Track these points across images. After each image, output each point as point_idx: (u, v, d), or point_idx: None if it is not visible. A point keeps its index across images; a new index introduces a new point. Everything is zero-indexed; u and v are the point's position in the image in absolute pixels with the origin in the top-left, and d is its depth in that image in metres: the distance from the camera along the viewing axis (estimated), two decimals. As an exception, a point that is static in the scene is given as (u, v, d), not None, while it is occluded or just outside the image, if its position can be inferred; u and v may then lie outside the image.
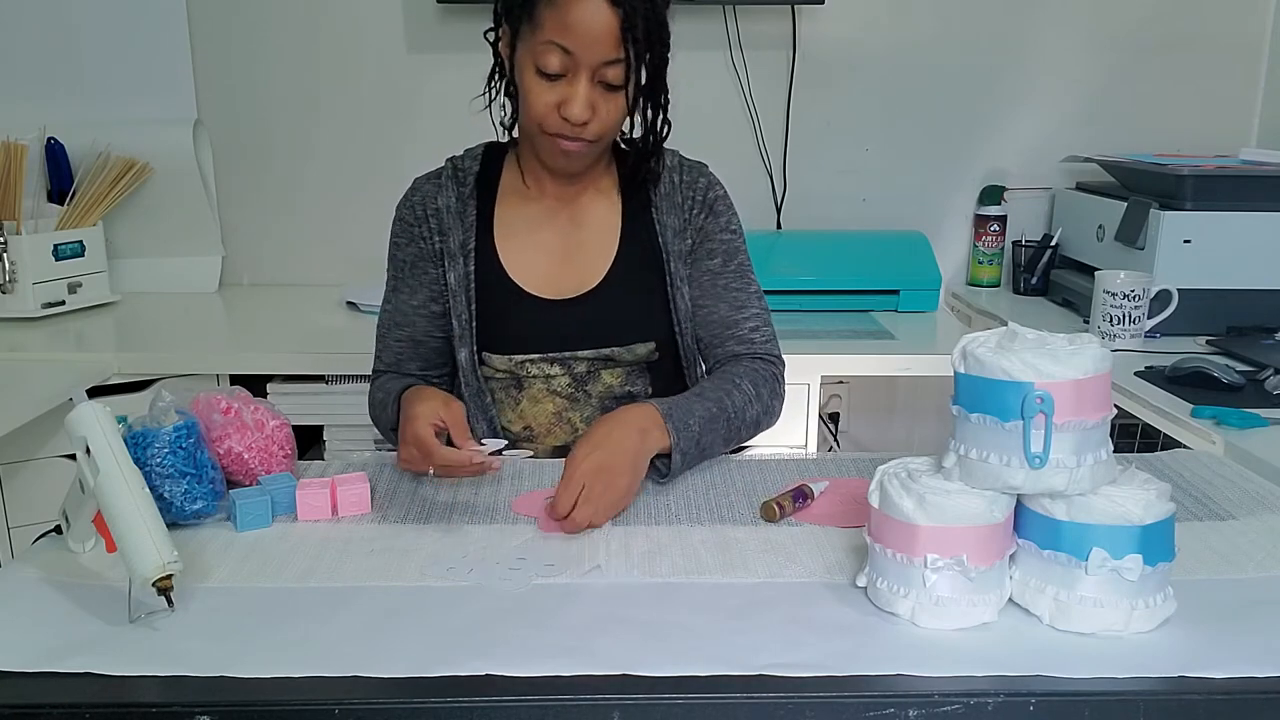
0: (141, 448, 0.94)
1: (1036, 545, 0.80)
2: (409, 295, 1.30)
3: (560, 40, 1.10)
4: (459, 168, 1.29)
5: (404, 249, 1.29)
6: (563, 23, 1.09)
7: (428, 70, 2.22)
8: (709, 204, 1.30)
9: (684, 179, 1.30)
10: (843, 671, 0.73)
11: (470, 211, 1.27)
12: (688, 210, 1.29)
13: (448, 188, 1.27)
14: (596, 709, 0.70)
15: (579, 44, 1.10)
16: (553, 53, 1.11)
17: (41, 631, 0.79)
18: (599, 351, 1.25)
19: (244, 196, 2.29)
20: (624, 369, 1.27)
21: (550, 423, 1.27)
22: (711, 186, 1.31)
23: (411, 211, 1.28)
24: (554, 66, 1.11)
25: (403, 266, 1.30)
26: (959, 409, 0.81)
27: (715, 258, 1.30)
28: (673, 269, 1.27)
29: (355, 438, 1.82)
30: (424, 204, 1.27)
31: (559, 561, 0.90)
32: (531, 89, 1.14)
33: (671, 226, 1.27)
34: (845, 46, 2.24)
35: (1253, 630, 0.78)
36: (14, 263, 1.91)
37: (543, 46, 1.11)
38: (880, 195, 2.32)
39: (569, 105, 1.13)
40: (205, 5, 2.19)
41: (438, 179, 1.29)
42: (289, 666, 0.73)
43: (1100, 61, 2.26)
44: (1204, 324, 1.82)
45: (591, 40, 1.10)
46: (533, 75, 1.13)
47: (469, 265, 1.25)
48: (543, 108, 1.14)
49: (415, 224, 1.28)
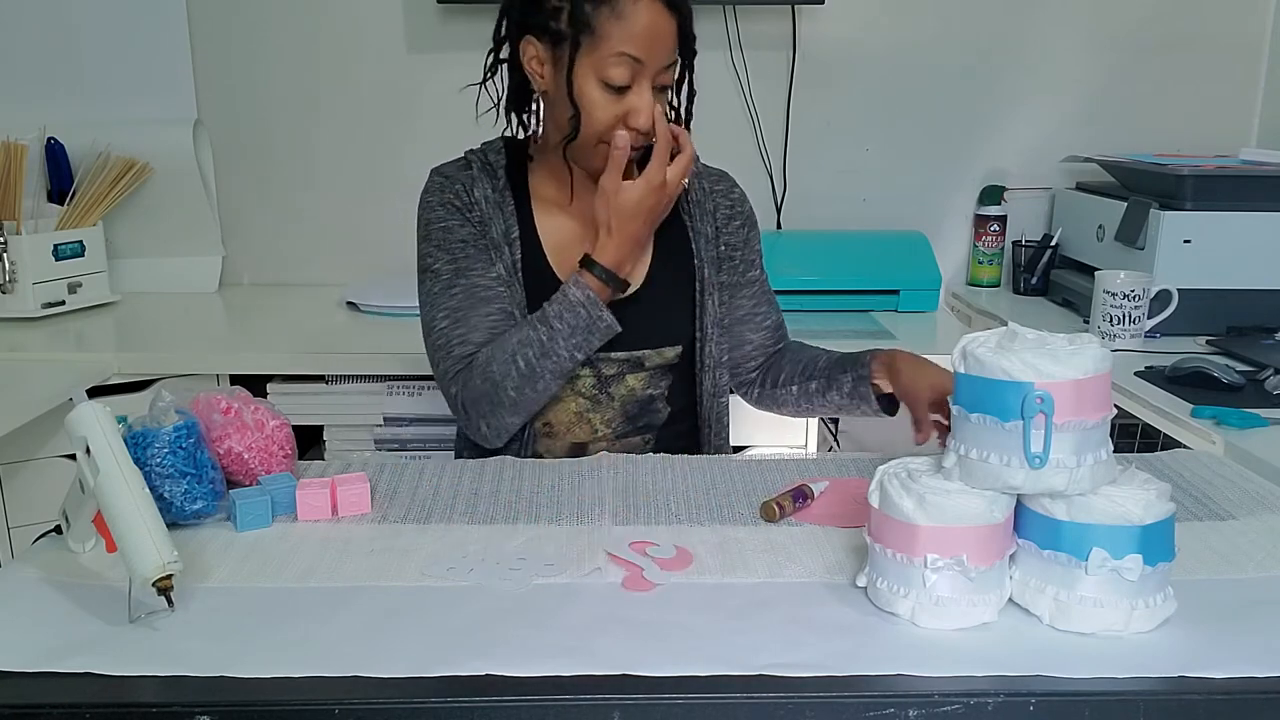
0: (141, 448, 0.94)
1: (1036, 545, 0.80)
2: (483, 270, 1.22)
3: (630, 50, 1.10)
4: (486, 161, 1.26)
5: (459, 230, 1.22)
6: (631, 32, 1.10)
7: (428, 70, 2.22)
8: (745, 216, 1.35)
9: (714, 187, 1.33)
10: (843, 671, 0.72)
11: (509, 202, 1.24)
12: (720, 219, 1.32)
13: (482, 179, 1.24)
14: (596, 709, 0.69)
15: (649, 51, 1.11)
16: (623, 64, 1.11)
17: (41, 631, 0.78)
18: (630, 355, 1.26)
19: (244, 196, 2.29)
20: (648, 373, 1.28)
21: (570, 421, 1.27)
22: (745, 198, 1.37)
23: (456, 196, 1.23)
24: (623, 78, 1.12)
25: (463, 246, 1.22)
26: (959, 409, 0.81)
27: (755, 269, 1.37)
28: (705, 275, 1.28)
29: (355, 438, 1.82)
30: (466, 191, 1.23)
31: (559, 561, 0.90)
32: (597, 103, 1.13)
33: (704, 234, 1.29)
34: (845, 46, 2.24)
35: (1253, 630, 0.78)
36: (14, 263, 1.91)
37: (613, 59, 1.10)
38: (880, 195, 2.32)
39: (637, 116, 1.13)
40: (205, 5, 2.19)
41: (468, 170, 1.25)
42: (289, 666, 0.73)
43: (1100, 61, 2.26)
44: (1204, 324, 1.82)
45: (659, 47, 1.11)
46: (597, 89, 1.13)
47: (515, 254, 1.23)
48: (609, 121, 1.14)
49: (463, 208, 1.23)
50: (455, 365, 1.21)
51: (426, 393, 1.78)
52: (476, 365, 1.19)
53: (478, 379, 1.18)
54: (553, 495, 1.06)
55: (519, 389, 1.17)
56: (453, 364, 1.21)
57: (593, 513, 1.01)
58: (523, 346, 1.16)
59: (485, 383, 1.18)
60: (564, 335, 1.16)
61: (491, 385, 1.17)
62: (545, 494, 1.06)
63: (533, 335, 1.16)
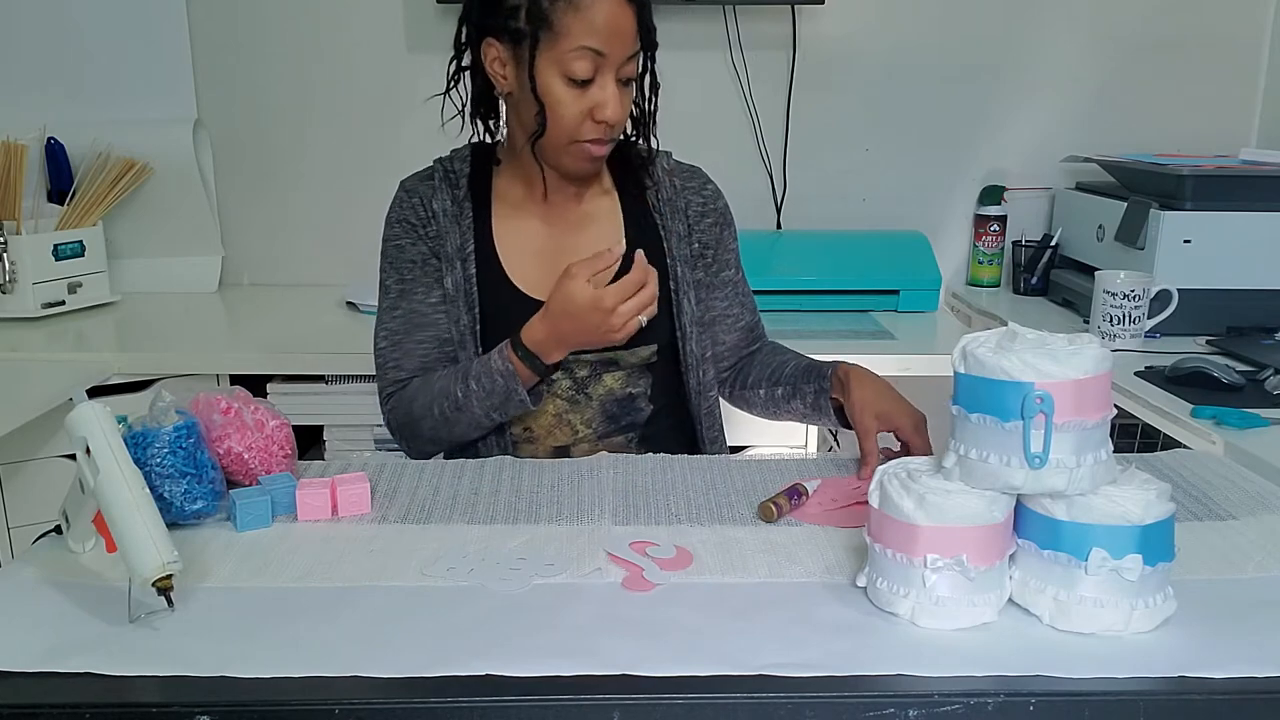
0: (141, 448, 0.94)
1: (1036, 545, 0.80)
2: (424, 294, 1.26)
3: (591, 43, 1.10)
4: (450, 170, 1.27)
5: (410, 249, 1.26)
6: (590, 25, 1.09)
7: (428, 70, 2.21)
8: (719, 213, 1.33)
9: (685, 184, 1.31)
10: (843, 671, 0.72)
11: (466, 214, 1.25)
12: (692, 216, 1.30)
13: (441, 190, 1.25)
14: (596, 709, 0.69)
15: (609, 43, 1.10)
16: (584, 58, 1.11)
17: (41, 631, 0.78)
18: (602, 355, 1.25)
19: (244, 196, 2.29)
20: (625, 371, 1.28)
21: (550, 424, 1.27)
22: (719, 195, 1.34)
23: (414, 211, 1.26)
24: (585, 72, 1.11)
25: (411, 267, 1.26)
26: (959, 409, 0.81)
27: (730, 268, 1.35)
28: (679, 273, 1.28)
29: (355, 438, 1.82)
30: (424, 204, 1.25)
31: (559, 561, 0.90)
32: (561, 98, 1.13)
33: (676, 232, 1.28)
34: (845, 46, 2.24)
35: (1253, 630, 0.78)
36: (14, 263, 1.92)
37: (573, 53, 1.10)
38: (880, 195, 2.32)
39: (604, 109, 1.13)
40: (205, 5, 2.19)
41: (429, 180, 1.27)
42: (289, 666, 0.73)
43: (1100, 61, 2.26)
44: (1204, 324, 1.82)
45: (619, 38, 1.11)
46: (560, 84, 1.12)
47: (468, 269, 1.24)
48: (575, 116, 1.14)
49: (419, 224, 1.25)
50: (388, 388, 1.27)
51: (426, 393, 1.77)
52: (405, 395, 1.25)
53: (403, 409, 1.25)
54: (553, 495, 1.06)
55: (434, 430, 1.23)
56: (386, 385, 1.28)
57: (593, 513, 1.01)
58: (441, 397, 1.21)
59: (407, 416, 1.25)
60: (479, 397, 1.18)
61: (411, 420, 1.24)
62: (545, 494, 1.06)
63: (451, 390, 1.20)
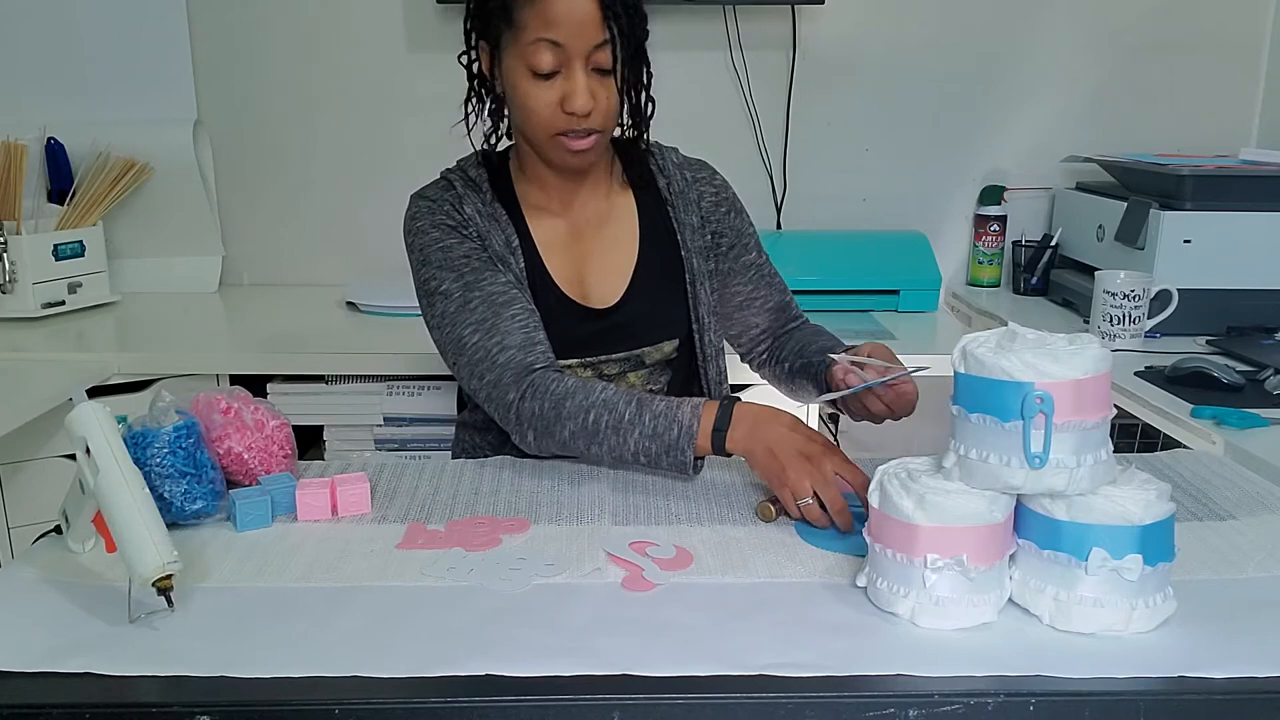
0: (141, 448, 0.94)
1: (1036, 545, 0.80)
2: (493, 278, 1.19)
3: (547, 34, 1.09)
4: (468, 177, 1.25)
5: (459, 247, 1.20)
6: (546, 17, 1.09)
7: (428, 69, 2.22)
8: (730, 202, 1.34)
9: (695, 176, 1.32)
10: (843, 671, 0.73)
11: (501, 215, 1.23)
12: (705, 208, 1.31)
13: (469, 195, 1.23)
14: (596, 709, 0.70)
15: (567, 33, 1.09)
16: (543, 49, 1.10)
17: (41, 631, 0.79)
18: (630, 354, 1.27)
19: (244, 196, 2.29)
20: (648, 369, 1.29)
21: None
22: (726, 184, 1.35)
23: (448, 216, 1.21)
24: (547, 64, 1.11)
25: (467, 261, 1.19)
26: (959, 409, 0.81)
27: (751, 252, 1.36)
28: (694, 266, 1.28)
29: (355, 438, 1.82)
30: (455, 209, 1.22)
31: (559, 561, 0.90)
32: (529, 93, 1.12)
33: (690, 225, 1.29)
34: (845, 46, 2.24)
35: (1253, 630, 0.78)
36: (14, 263, 1.91)
37: (531, 46, 1.10)
38: (880, 195, 2.32)
39: (571, 99, 1.12)
40: (205, 5, 2.19)
41: (450, 189, 1.24)
42: (289, 666, 0.73)
43: (1100, 61, 2.26)
44: (1204, 324, 1.82)
45: (578, 26, 1.09)
46: (527, 79, 1.12)
47: (520, 263, 1.22)
48: (545, 109, 1.13)
49: (457, 226, 1.21)
50: (505, 373, 1.15)
51: (426, 393, 1.78)
52: (553, 387, 1.12)
53: (547, 402, 1.11)
54: (553, 495, 1.06)
55: (574, 437, 1.10)
56: (500, 372, 1.15)
57: (593, 513, 1.01)
58: (604, 407, 1.09)
59: (551, 410, 1.11)
60: (644, 429, 1.06)
61: (555, 416, 1.11)
62: (545, 494, 1.06)
63: (619, 406, 1.08)
